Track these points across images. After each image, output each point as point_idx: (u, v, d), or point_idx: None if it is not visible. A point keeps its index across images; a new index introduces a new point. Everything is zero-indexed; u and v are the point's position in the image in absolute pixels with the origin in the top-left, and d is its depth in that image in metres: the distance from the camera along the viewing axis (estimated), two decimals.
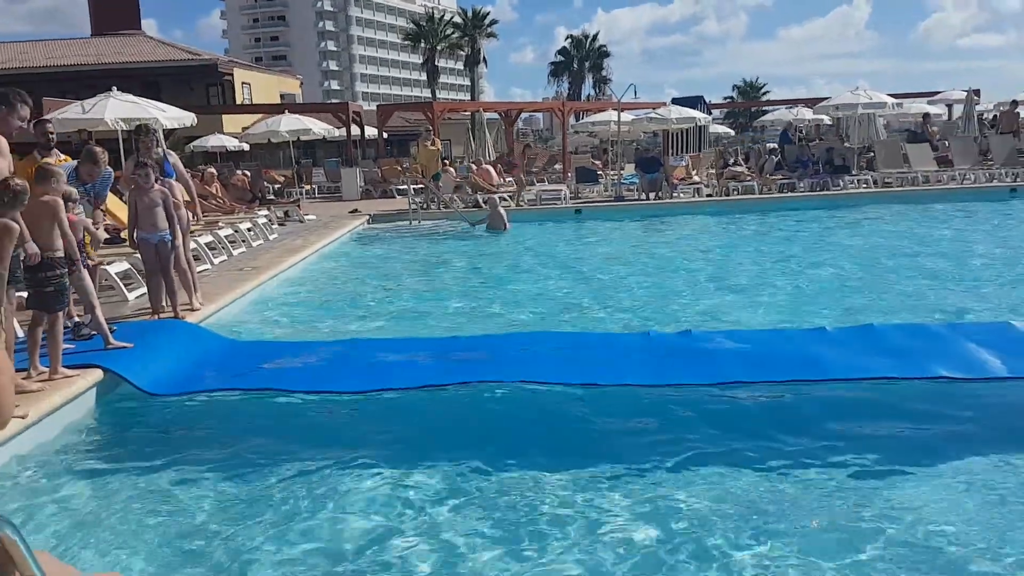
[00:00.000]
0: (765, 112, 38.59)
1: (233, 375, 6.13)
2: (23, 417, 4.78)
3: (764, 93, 77.38)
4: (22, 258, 5.33)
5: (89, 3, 44.21)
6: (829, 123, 28.03)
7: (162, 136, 11.46)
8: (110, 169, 7.47)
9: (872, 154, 21.19)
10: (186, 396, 5.82)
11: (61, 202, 5.70)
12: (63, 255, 5.70)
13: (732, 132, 43.30)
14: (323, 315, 8.88)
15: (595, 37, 74.76)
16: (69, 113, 11.94)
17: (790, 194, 19.15)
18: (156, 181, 7.50)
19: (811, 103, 29.76)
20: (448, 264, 12.43)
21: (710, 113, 34.18)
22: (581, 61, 73.35)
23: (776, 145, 25.05)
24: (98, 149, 7.26)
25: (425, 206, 18.29)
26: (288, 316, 8.79)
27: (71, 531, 3.94)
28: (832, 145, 21.68)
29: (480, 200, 18.59)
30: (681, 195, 19.52)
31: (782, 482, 4.24)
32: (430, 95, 64.97)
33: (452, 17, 69.62)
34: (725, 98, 72.85)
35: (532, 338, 6.97)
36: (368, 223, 17.05)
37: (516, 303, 9.23)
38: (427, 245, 14.56)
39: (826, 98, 24.84)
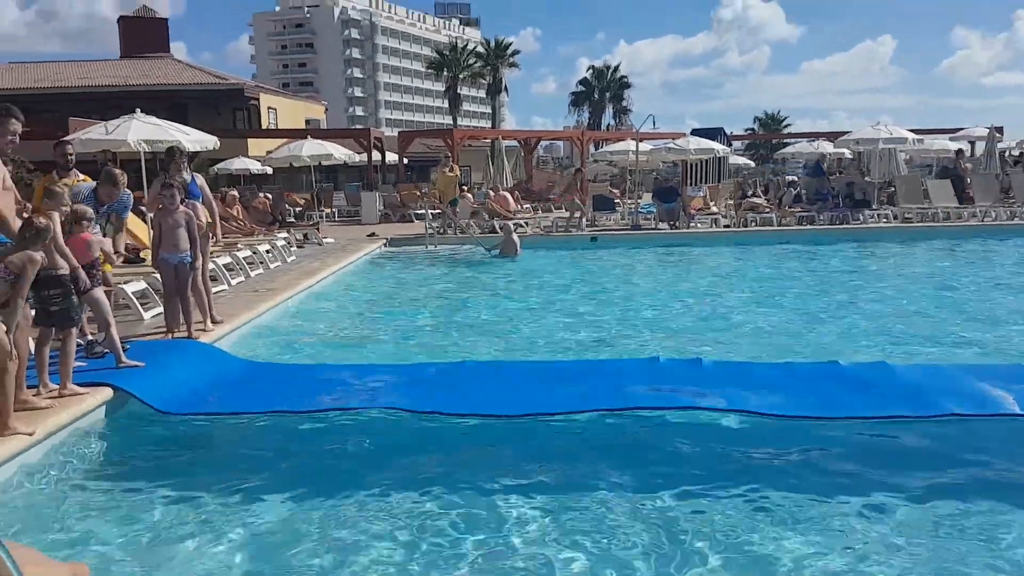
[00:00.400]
0: (786, 144, 38.46)
1: (243, 396, 6.15)
2: (30, 434, 4.81)
3: (785, 126, 77.33)
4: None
5: (119, 25, 45.15)
6: (850, 157, 27.96)
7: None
8: (128, 191, 7.57)
9: (892, 189, 21.09)
10: (195, 416, 5.85)
11: (57, 220, 5.77)
12: (67, 273, 5.75)
13: (752, 164, 43.27)
14: (334, 337, 8.92)
15: (616, 68, 75.23)
16: (93, 134, 12.13)
17: (809, 227, 19.06)
18: (181, 203, 7.62)
19: (833, 136, 29.69)
20: (460, 289, 12.47)
21: (730, 144, 34.15)
22: (602, 92, 73.78)
23: (795, 177, 24.99)
24: (117, 171, 7.37)
25: (442, 231, 18.38)
26: (300, 338, 8.83)
27: (73, 547, 3.94)
28: (853, 179, 21.60)
29: (496, 226, 18.65)
30: (698, 225, 19.50)
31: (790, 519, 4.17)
32: (452, 122, 65.49)
33: (475, 47, 70.36)
34: (746, 130, 72.89)
35: (537, 367, 6.97)
36: (385, 246, 17.16)
37: (523, 328, 9.24)
38: (442, 269, 14.62)
39: (848, 132, 24.80)
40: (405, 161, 31.26)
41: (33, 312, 5.74)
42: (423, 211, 18.71)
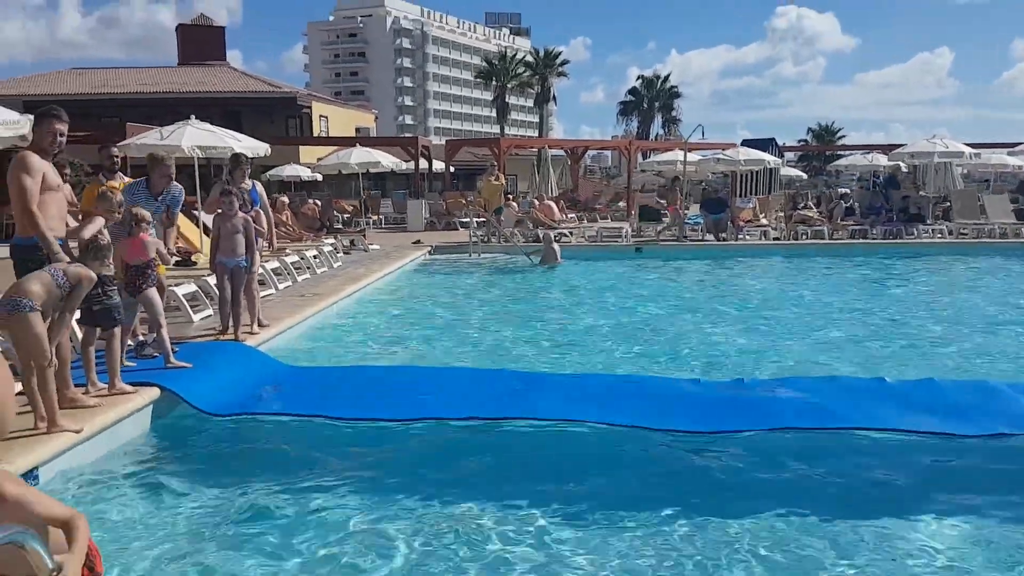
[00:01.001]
0: (839, 156, 37.76)
1: (286, 399, 6.23)
2: (78, 432, 4.93)
3: (840, 137, 75.97)
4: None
5: (178, 33, 46.33)
6: (905, 170, 27.34)
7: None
8: (180, 186, 7.67)
9: (948, 204, 20.56)
10: (239, 417, 5.93)
11: (101, 221, 5.92)
12: (109, 274, 5.88)
13: (805, 176, 42.58)
14: (377, 342, 9.00)
15: (666, 78, 74.87)
16: (148, 139, 12.45)
17: (861, 240, 18.67)
18: (240, 209, 7.77)
19: (887, 149, 29.07)
20: (502, 297, 12.48)
21: (782, 156, 33.65)
22: (651, 101, 73.45)
23: (848, 190, 24.49)
24: (159, 153, 7.54)
25: (486, 239, 18.43)
26: (343, 343, 8.92)
27: (116, 544, 4.01)
28: (907, 193, 21.11)
29: (540, 235, 18.65)
30: (747, 237, 19.23)
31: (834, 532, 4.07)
32: (499, 131, 65.77)
33: (524, 56, 70.61)
34: (799, 141, 71.80)
35: (578, 379, 6.92)
36: (429, 254, 17.27)
37: (561, 338, 9.19)
38: (484, 277, 14.65)
39: (903, 145, 24.26)
40: (452, 169, 31.46)
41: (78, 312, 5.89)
42: (468, 219, 18.79)
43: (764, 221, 20.82)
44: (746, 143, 27.02)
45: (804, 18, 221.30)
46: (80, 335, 6.00)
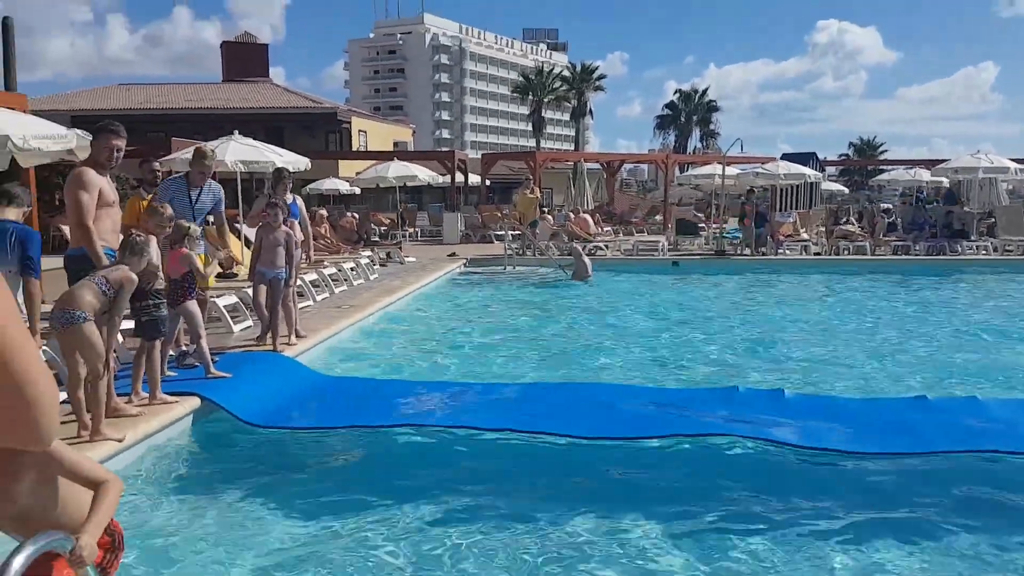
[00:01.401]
0: (882, 171, 37.18)
1: (323, 410, 6.30)
2: (120, 440, 5.02)
3: (882, 152, 74.85)
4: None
5: (222, 50, 47.34)
6: (948, 186, 26.83)
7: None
8: (220, 187, 7.71)
9: (993, 220, 20.11)
10: (277, 428, 6.00)
11: (153, 239, 6.04)
12: (158, 288, 6.00)
13: (846, 190, 41.97)
14: (412, 354, 9.05)
15: (704, 92, 74.47)
16: (191, 153, 12.70)
17: (904, 257, 18.34)
18: (283, 222, 7.90)
19: (930, 164, 28.56)
20: (535, 310, 12.47)
21: (823, 170, 33.25)
22: (689, 115, 73.11)
23: (890, 205, 24.08)
24: (207, 148, 7.65)
25: (521, 252, 18.46)
26: (379, 354, 8.99)
27: (156, 551, 4.08)
28: (951, 208, 20.70)
29: (569, 248, 18.66)
30: (787, 252, 19.00)
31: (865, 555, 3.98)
32: (535, 145, 65.97)
33: (561, 71, 70.79)
34: (840, 155, 70.89)
35: (611, 390, 6.89)
36: (464, 267, 17.34)
37: (592, 351, 9.16)
38: (518, 290, 14.66)
39: (946, 160, 23.82)
40: (487, 182, 31.60)
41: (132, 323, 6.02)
42: (503, 232, 18.84)
43: (805, 236, 20.55)
44: (786, 157, 26.76)
45: (845, 32, 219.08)
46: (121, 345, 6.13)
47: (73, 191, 5.45)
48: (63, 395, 5.81)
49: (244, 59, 45.07)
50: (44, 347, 5.93)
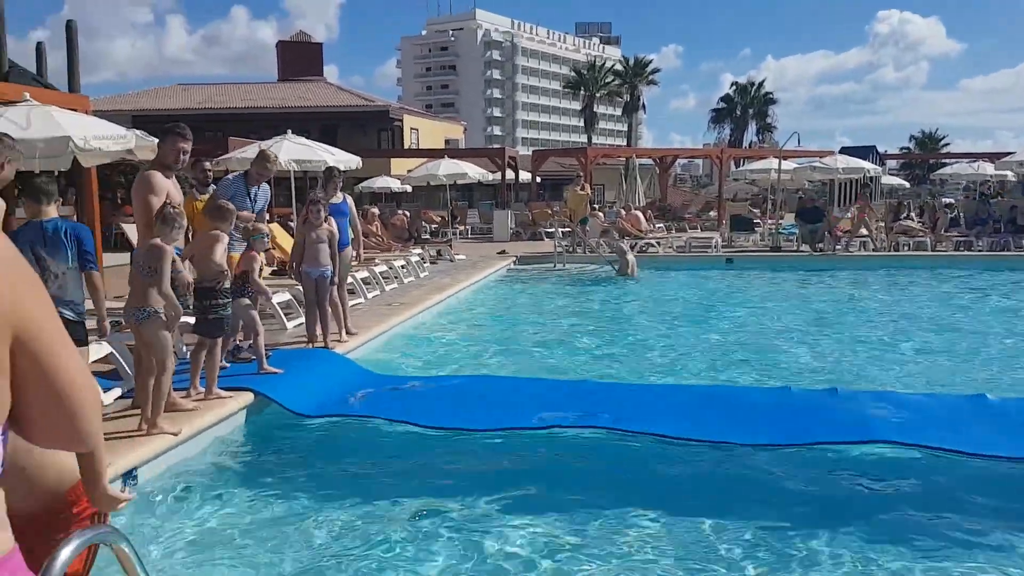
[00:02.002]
0: (944, 165, 36.07)
1: (372, 405, 6.36)
2: (175, 434, 5.15)
3: (944, 145, 72.58)
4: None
5: (278, 50, 48.20)
6: (1014, 179, 25.88)
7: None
8: (267, 187, 7.78)
9: None
10: (327, 420, 6.10)
11: (225, 238, 6.16)
12: (226, 286, 6.14)
13: (907, 184, 40.81)
14: (461, 351, 9.09)
15: (761, 84, 73.02)
16: (248, 152, 12.95)
17: (966, 253, 17.75)
18: (325, 220, 7.97)
19: (994, 157, 27.58)
20: (585, 307, 12.43)
21: (883, 164, 32.46)
22: (745, 108, 71.75)
23: (952, 200, 23.36)
24: (272, 153, 7.77)
25: (571, 249, 18.39)
26: (427, 351, 9.05)
27: (211, 544, 4.17)
28: (1016, 203, 19.96)
29: (613, 246, 18.54)
30: (846, 248, 18.57)
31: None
32: (587, 140, 65.63)
33: (613, 65, 70.22)
34: (901, 149, 68.95)
35: (662, 390, 6.82)
36: (514, 264, 17.34)
37: (644, 348, 9.08)
38: (568, 288, 14.62)
39: (1012, 153, 22.99)
40: (538, 179, 31.56)
41: (193, 320, 6.16)
42: (553, 229, 18.80)
43: (863, 231, 20.05)
44: (845, 151, 26.20)
45: (907, 22, 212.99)
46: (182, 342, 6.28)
47: (142, 194, 5.60)
48: (112, 392, 5.99)
49: (299, 58, 45.83)
50: (105, 341, 6.12)
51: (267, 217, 8.05)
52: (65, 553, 1.73)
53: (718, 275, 16.06)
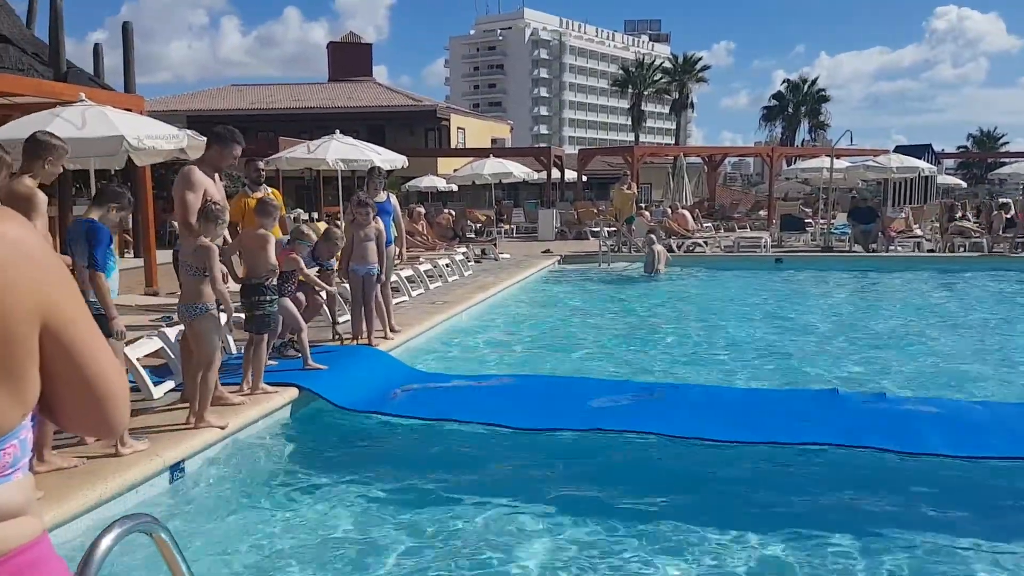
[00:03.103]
0: (1003, 164, 34.94)
1: (416, 403, 6.41)
2: (222, 428, 5.26)
3: (1003, 144, 70.31)
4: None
5: (328, 50, 48.87)
6: None
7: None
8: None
9: None
10: (370, 418, 6.16)
11: (272, 237, 6.26)
12: (273, 283, 6.24)
13: (964, 184, 39.65)
14: (503, 350, 9.10)
15: (814, 81, 71.59)
16: (297, 152, 13.19)
17: None
18: (373, 219, 8.09)
19: None
20: (629, 307, 12.33)
21: (939, 163, 31.58)
22: (797, 106, 70.37)
23: (1009, 200, 22.61)
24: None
25: (616, 249, 18.27)
26: (470, 350, 9.08)
27: (255, 534, 4.24)
28: None
29: (674, 245, 18.35)
30: (899, 249, 18.13)
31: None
32: (634, 139, 65.17)
33: (662, 63, 69.56)
34: (958, 147, 66.97)
35: (704, 391, 6.75)
36: (559, 264, 17.30)
37: (689, 350, 8.99)
38: (612, 288, 14.50)
39: None
40: (584, 178, 31.45)
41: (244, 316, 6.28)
42: (598, 229, 18.70)
43: (918, 232, 19.55)
44: (900, 149, 25.52)
45: (966, 19, 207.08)
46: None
47: (180, 190, 5.72)
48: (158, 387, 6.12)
49: (349, 59, 46.39)
50: (156, 336, 6.28)
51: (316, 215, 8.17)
52: (106, 542, 1.77)
53: (767, 275, 15.79)
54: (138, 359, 5.92)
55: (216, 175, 5.99)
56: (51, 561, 1.18)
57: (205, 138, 6.93)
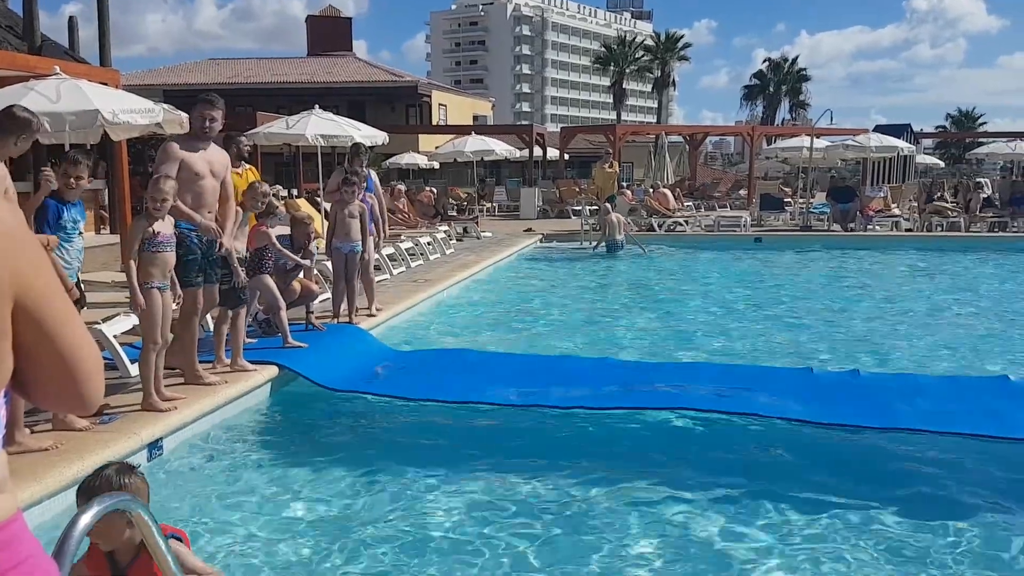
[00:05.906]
0: (980, 144, 35.21)
1: (396, 381, 6.40)
2: (164, 412, 5.15)
3: (981, 124, 70.96)
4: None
5: (307, 24, 48.19)
6: None
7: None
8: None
9: None
10: (349, 396, 6.15)
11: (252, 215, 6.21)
12: (240, 256, 6.15)
13: (942, 164, 39.98)
14: (485, 328, 9.11)
15: (795, 60, 71.80)
16: (275, 128, 13.03)
17: (1000, 234, 17.39)
18: (358, 197, 8.01)
19: None
20: (609, 285, 12.40)
21: (917, 143, 31.82)
22: (778, 85, 70.63)
23: (985, 180, 22.88)
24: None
25: (598, 228, 18.27)
26: (453, 327, 9.09)
27: (229, 514, 4.24)
28: None
29: (655, 224, 18.40)
30: (877, 228, 18.29)
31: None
32: (616, 117, 65.08)
33: (644, 40, 69.36)
34: (937, 127, 67.58)
35: (685, 368, 6.80)
36: (541, 242, 17.30)
37: (669, 328, 9.05)
38: (593, 266, 14.54)
39: None
40: (567, 157, 31.35)
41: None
42: (580, 207, 18.70)
43: (896, 211, 19.73)
44: (879, 129, 25.68)
45: None
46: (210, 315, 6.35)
47: (156, 164, 5.65)
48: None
49: (328, 33, 45.74)
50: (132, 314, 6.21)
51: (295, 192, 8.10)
52: (84, 519, 1.76)
53: (746, 253, 15.89)
54: (115, 336, 5.87)
55: (204, 147, 5.67)
56: (25, 540, 1.17)
57: (182, 113, 6.83)
